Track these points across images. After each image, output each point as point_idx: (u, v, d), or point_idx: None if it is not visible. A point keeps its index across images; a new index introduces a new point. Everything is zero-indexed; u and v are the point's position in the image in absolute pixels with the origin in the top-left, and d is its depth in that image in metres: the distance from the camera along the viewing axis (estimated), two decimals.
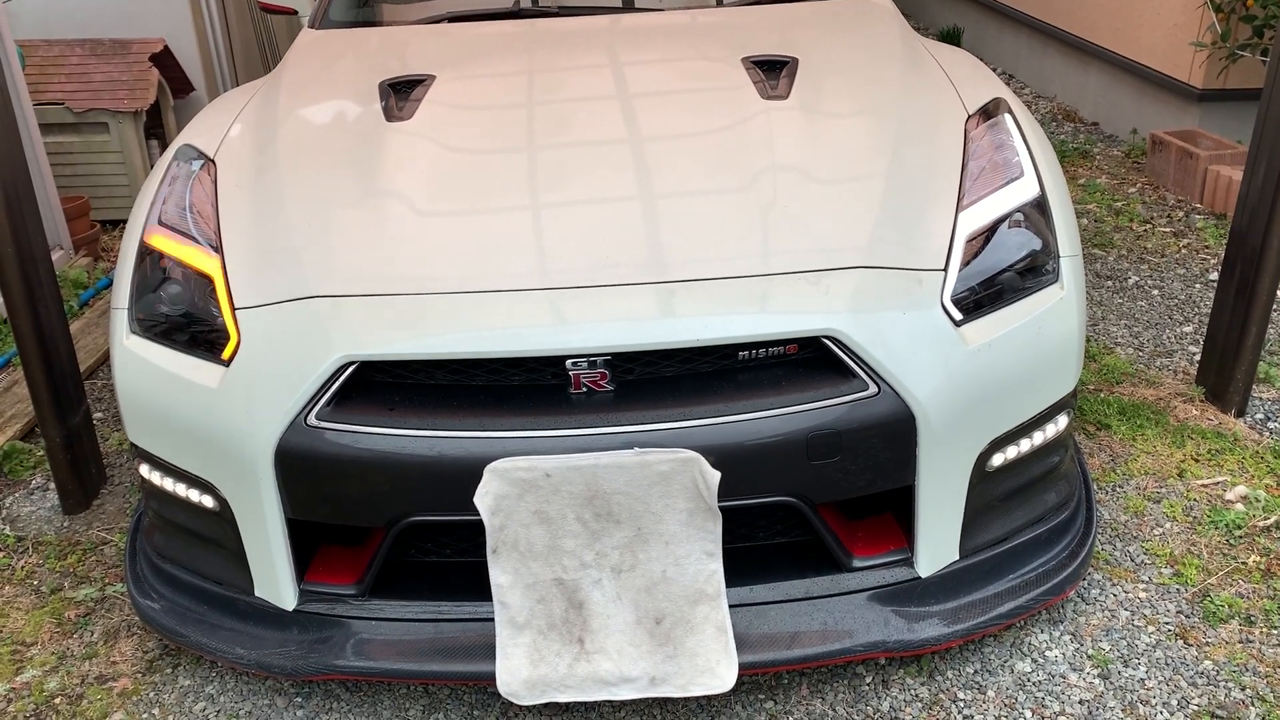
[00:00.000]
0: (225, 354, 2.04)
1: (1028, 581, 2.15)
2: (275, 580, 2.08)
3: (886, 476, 1.98)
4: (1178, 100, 5.02)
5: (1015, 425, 2.09)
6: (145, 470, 2.22)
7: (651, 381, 1.98)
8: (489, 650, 1.97)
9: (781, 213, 2.12)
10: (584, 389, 1.95)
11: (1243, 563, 2.46)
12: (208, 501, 2.10)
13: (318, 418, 1.94)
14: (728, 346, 1.96)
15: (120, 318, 2.21)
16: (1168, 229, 4.37)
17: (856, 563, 2.07)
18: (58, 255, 4.26)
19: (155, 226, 2.28)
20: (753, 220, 2.11)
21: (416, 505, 1.95)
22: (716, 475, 1.84)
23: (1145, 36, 5.19)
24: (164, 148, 5.01)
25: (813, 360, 1.99)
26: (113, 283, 2.30)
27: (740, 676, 1.95)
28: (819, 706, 2.13)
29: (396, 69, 2.80)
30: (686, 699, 2.15)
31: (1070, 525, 2.28)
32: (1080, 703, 2.10)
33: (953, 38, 7.59)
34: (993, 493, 2.12)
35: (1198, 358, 3.27)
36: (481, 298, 1.98)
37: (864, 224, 2.10)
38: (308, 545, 2.14)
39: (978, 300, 2.06)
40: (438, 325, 1.96)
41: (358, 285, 2.03)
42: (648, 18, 3.13)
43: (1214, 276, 3.91)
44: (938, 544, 2.07)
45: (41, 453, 3.08)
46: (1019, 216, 2.18)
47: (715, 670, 1.91)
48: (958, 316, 2.02)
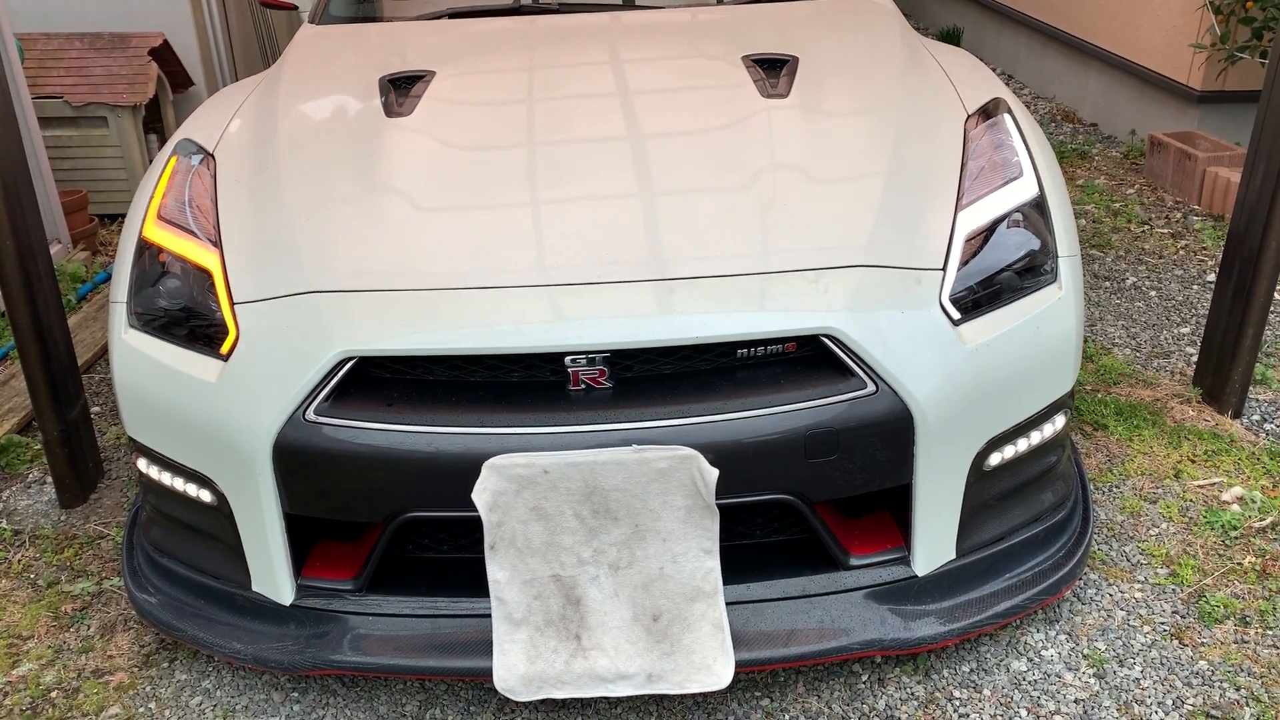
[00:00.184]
0: (224, 349, 2.04)
1: (1024, 581, 2.16)
2: (273, 575, 2.08)
3: (884, 475, 1.99)
4: (1176, 102, 5.03)
5: (1013, 425, 2.09)
6: (143, 464, 2.22)
7: (650, 379, 1.98)
8: (486, 646, 1.97)
9: (781, 211, 2.13)
10: (583, 386, 1.95)
11: (1238, 563, 2.46)
12: (205, 496, 2.10)
13: (316, 413, 1.94)
14: (726, 344, 1.97)
15: (119, 312, 2.21)
16: (1166, 230, 4.37)
17: (853, 561, 2.08)
18: (56, 249, 4.25)
19: (155, 221, 2.28)
20: (752, 218, 2.11)
21: (414, 501, 1.95)
22: (714, 473, 1.85)
23: (1145, 38, 5.20)
24: (163, 142, 5.00)
25: (811, 358, 1.99)
26: (111, 277, 2.30)
27: (737, 674, 1.95)
28: (815, 704, 2.13)
29: (397, 65, 2.79)
30: (683, 696, 2.15)
31: (1067, 525, 2.29)
32: (1075, 702, 2.11)
33: (952, 38, 7.60)
34: (990, 492, 2.13)
35: (1195, 359, 3.28)
36: (481, 294, 1.98)
37: (863, 223, 2.10)
38: (305, 540, 2.14)
39: (976, 300, 2.06)
40: (437, 321, 1.96)
41: (357, 280, 2.04)
42: (648, 15, 3.13)
43: (1211, 278, 3.92)
44: (934, 543, 2.08)
45: (39, 446, 3.08)
46: (1018, 216, 2.19)
47: (712, 667, 1.91)
48: (956, 316, 2.02)
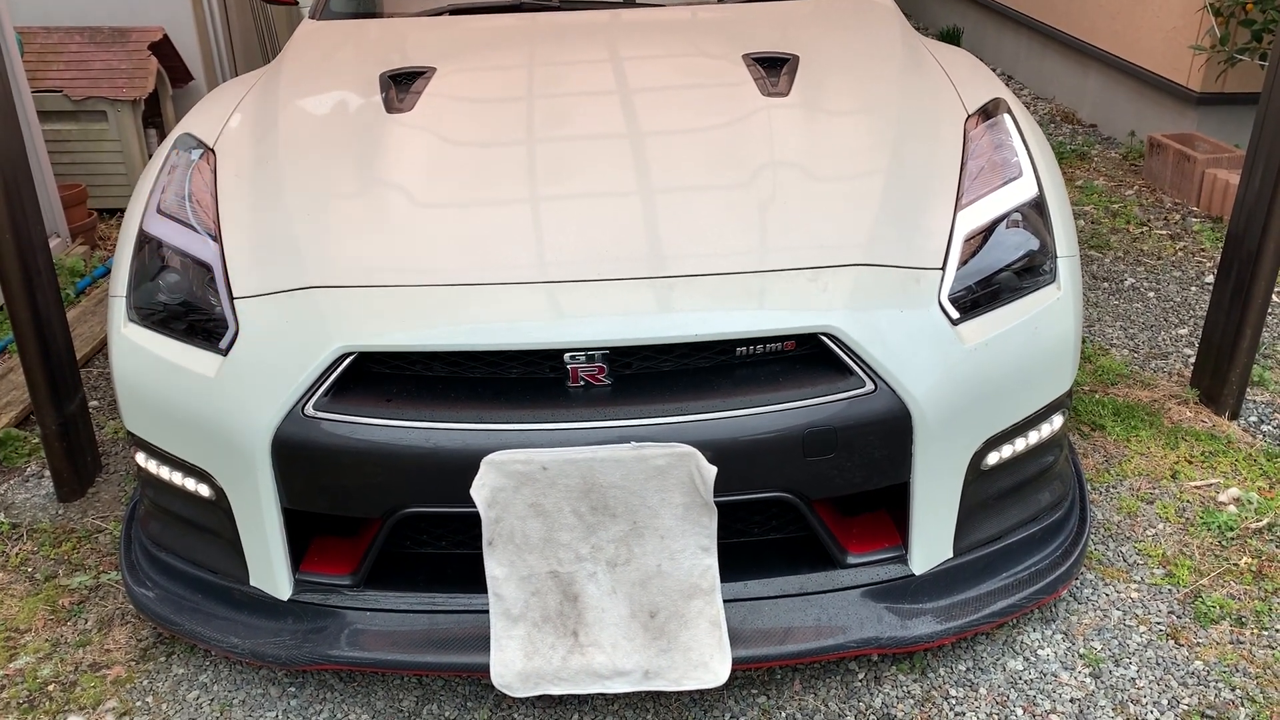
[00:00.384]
0: (223, 343, 2.04)
1: (1021, 580, 2.16)
2: (270, 570, 2.08)
3: (882, 473, 1.99)
4: (1176, 103, 5.03)
5: (1011, 424, 2.09)
6: (141, 458, 2.22)
7: (649, 376, 1.99)
8: (483, 642, 1.97)
9: (780, 209, 2.13)
10: (582, 383, 1.96)
11: (1234, 564, 2.47)
12: (204, 490, 2.10)
13: (315, 408, 1.94)
14: (725, 342, 1.97)
15: (118, 306, 2.21)
16: (1164, 231, 4.38)
17: (851, 559, 2.08)
18: (55, 243, 4.25)
19: (154, 215, 2.28)
20: (751, 216, 2.11)
21: (413, 496, 1.95)
22: (713, 470, 1.85)
23: (1144, 39, 5.20)
24: (162, 137, 4.99)
25: (810, 357, 1.99)
26: (111, 271, 2.30)
27: (733, 671, 1.95)
28: (811, 702, 2.13)
29: (397, 61, 2.79)
30: (680, 693, 2.15)
31: (1064, 525, 2.29)
32: (1071, 701, 2.11)
33: (952, 38, 7.60)
34: (987, 491, 2.13)
35: (1192, 360, 3.28)
36: (480, 290, 1.99)
37: (863, 222, 2.10)
38: (303, 535, 2.14)
39: (975, 299, 2.07)
40: (436, 317, 1.96)
41: (356, 276, 2.04)
42: (649, 13, 3.13)
43: (1210, 279, 3.93)
44: (932, 541, 2.08)
45: (37, 440, 3.08)
46: (1017, 216, 2.19)
47: (709, 664, 1.91)
48: (955, 315, 2.02)
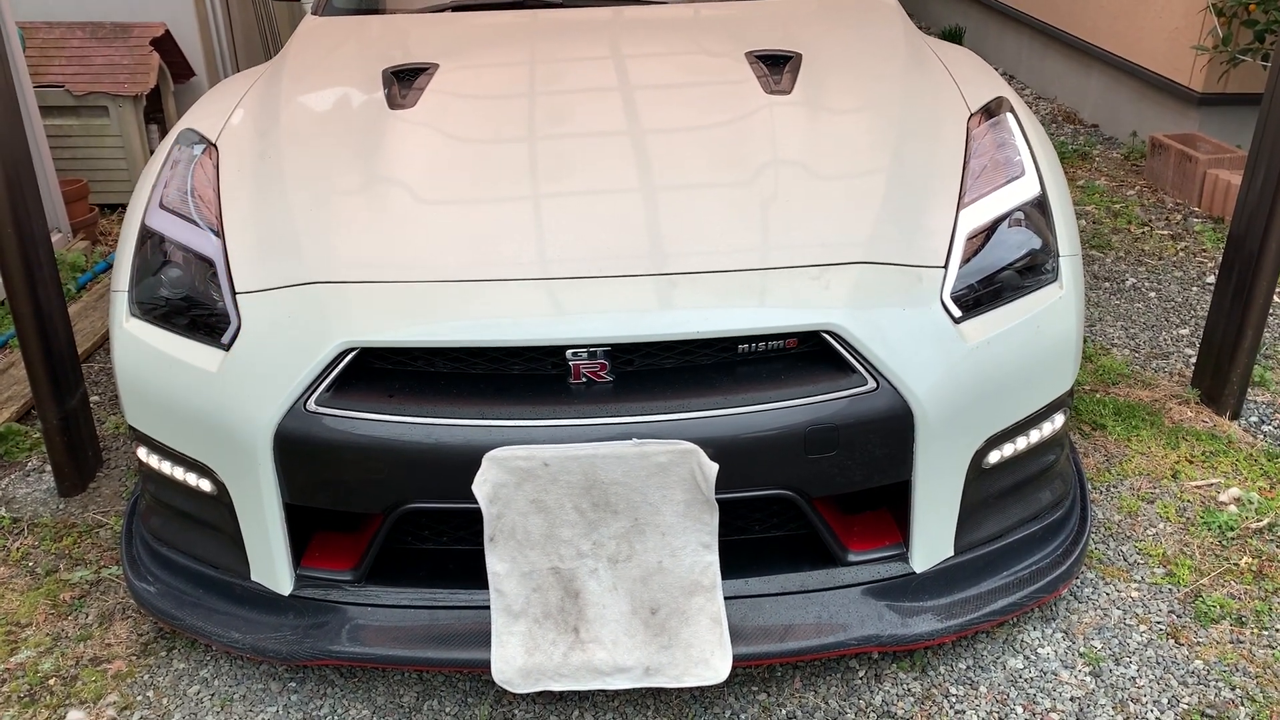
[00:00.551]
0: (225, 338, 2.04)
1: (1021, 579, 2.16)
2: (272, 565, 2.08)
3: (883, 472, 1.99)
4: (1177, 104, 5.03)
5: (1012, 423, 2.09)
6: (143, 453, 2.22)
7: (651, 373, 1.99)
8: (484, 638, 1.97)
9: (783, 207, 2.13)
10: (583, 379, 1.96)
11: (1235, 564, 2.47)
12: (205, 485, 2.10)
13: (317, 403, 1.94)
14: (727, 339, 1.97)
15: (120, 300, 2.21)
16: (1166, 232, 4.38)
17: (852, 557, 2.08)
18: (56, 238, 4.25)
19: (156, 210, 2.28)
20: (754, 214, 2.11)
21: (414, 492, 1.95)
22: (714, 467, 1.85)
23: (1146, 40, 5.20)
24: (164, 133, 4.99)
25: (812, 354, 1.99)
26: (113, 266, 2.30)
27: (734, 668, 1.96)
28: (812, 699, 2.14)
29: (399, 57, 2.79)
30: (680, 690, 2.16)
31: (1064, 524, 2.29)
32: (1071, 700, 2.12)
33: (954, 37, 7.60)
34: (988, 490, 2.13)
35: (1193, 360, 3.28)
36: (482, 286, 1.99)
37: (865, 220, 2.11)
38: (304, 530, 2.14)
39: (977, 298, 2.07)
40: (438, 313, 1.96)
41: (359, 272, 2.04)
42: (651, 11, 3.13)
43: (1211, 280, 3.93)
44: (933, 540, 2.08)
45: (38, 434, 3.08)
46: (1019, 215, 2.19)
47: (709, 661, 1.91)
48: (957, 313, 2.03)
